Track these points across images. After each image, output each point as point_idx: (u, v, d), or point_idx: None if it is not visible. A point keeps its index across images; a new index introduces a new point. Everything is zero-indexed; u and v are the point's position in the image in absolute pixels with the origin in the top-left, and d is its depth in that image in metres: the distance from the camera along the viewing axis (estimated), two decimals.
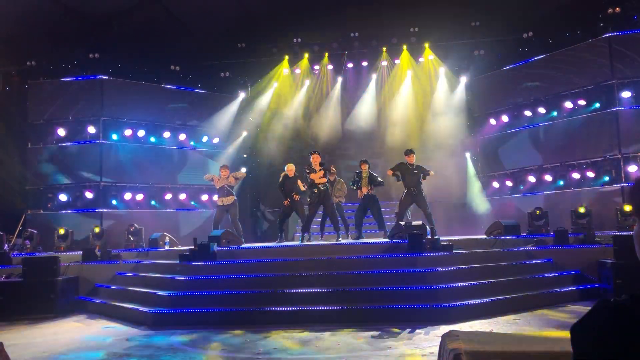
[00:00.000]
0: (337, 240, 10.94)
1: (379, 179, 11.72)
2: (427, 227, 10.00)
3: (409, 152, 11.49)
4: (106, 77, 14.46)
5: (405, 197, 11.22)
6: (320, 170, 10.83)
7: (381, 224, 11.64)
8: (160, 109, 15.27)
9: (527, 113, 14.35)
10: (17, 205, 13.88)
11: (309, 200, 11.08)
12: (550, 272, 9.34)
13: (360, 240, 10.90)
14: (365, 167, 11.69)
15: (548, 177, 13.75)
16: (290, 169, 11.45)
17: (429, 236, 9.37)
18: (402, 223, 10.04)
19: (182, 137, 15.54)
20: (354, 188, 11.77)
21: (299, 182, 11.34)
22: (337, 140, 16.74)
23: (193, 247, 9.64)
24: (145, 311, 8.19)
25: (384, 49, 16.17)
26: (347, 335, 6.73)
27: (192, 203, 15.57)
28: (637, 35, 12.47)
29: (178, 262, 9.72)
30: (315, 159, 10.90)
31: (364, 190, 11.57)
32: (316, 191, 10.82)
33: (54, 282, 9.44)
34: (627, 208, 10.84)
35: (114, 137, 14.46)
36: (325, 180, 10.92)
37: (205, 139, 16.00)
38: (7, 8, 13.34)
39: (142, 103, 14.95)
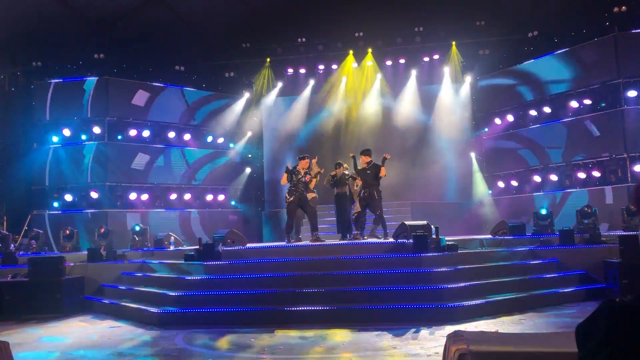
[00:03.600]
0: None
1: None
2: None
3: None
4: (111, 78, 14.50)
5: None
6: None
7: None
8: (165, 109, 15.30)
9: (533, 112, 14.31)
10: (23, 206, 13.94)
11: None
12: (556, 272, 9.31)
13: (365, 240, 10.85)
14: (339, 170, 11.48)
15: (553, 177, 13.70)
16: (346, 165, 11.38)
17: (433, 236, 9.34)
18: (407, 223, 10.02)
19: (187, 137, 15.58)
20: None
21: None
22: (341, 139, 16.72)
23: (198, 247, 9.66)
24: (151, 311, 8.20)
25: (389, 48, 16.11)
26: (352, 335, 6.72)
27: (197, 202, 15.60)
28: None
29: (183, 262, 9.74)
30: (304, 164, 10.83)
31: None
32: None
33: (60, 282, 9.46)
34: (632, 208, 10.79)
35: (119, 137, 14.49)
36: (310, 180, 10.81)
37: (210, 139, 16.02)
38: (13, 9, 13.40)
39: (147, 103, 14.99)
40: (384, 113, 16.71)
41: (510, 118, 14.87)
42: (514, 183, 14.69)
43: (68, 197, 14.04)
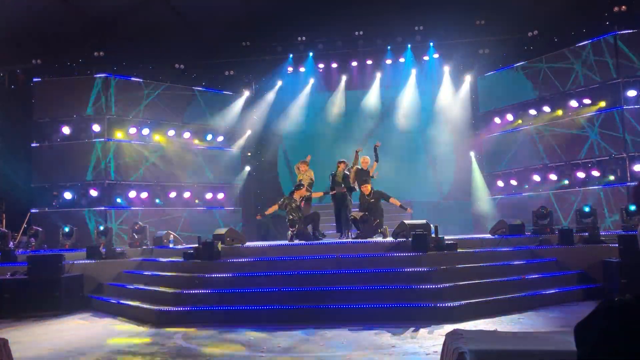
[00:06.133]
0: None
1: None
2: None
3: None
4: (111, 76, 14.49)
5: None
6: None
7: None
8: (164, 108, 15.29)
9: (532, 112, 14.31)
10: (23, 203, 13.93)
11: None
12: (555, 272, 9.32)
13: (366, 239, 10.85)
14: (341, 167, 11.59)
15: (553, 176, 13.70)
16: (365, 161, 11.48)
17: (433, 235, 9.33)
18: (406, 222, 10.02)
19: (187, 135, 15.56)
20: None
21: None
22: (341, 138, 16.71)
23: (197, 245, 9.65)
24: (150, 309, 8.21)
25: (389, 47, 16.10)
26: (351, 333, 6.73)
27: (196, 201, 15.59)
28: None
29: (182, 260, 9.74)
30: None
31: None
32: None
33: (59, 280, 9.48)
34: (632, 207, 10.79)
35: (119, 135, 14.48)
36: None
37: (209, 137, 16.01)
38: (12, 7, 13.38)
39: (146, 101, 14.98)
40: (382, 112, 16.73)
41: (509, 117, 14.87)
42: (514, 182, 14.69)
43: (67, 195, 14.03)
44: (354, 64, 16.51)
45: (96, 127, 14.27)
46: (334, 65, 16.63)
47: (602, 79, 12.86)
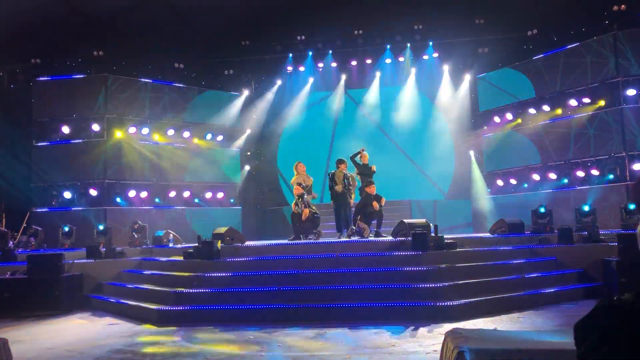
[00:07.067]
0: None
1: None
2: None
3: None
4: (110, 75, 14.47)
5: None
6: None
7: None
8: (164, 107, 15.29)
9: (532, 111, 14.30)
10: (22, 203, 13.93)
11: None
12: (554, 271, 9.33)
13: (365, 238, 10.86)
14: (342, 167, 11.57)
15: (552, 175, 13.70)
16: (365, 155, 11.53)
17: (432, 234, 9.35)
18: (406, 221, 10.03)
19: (186, 134, 15.55)
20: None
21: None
22: (341, 138, 16.72)
23: (197, 244, 9.66)
24: (150, 308, 8.21)
25: (388, 46, 16.10)
26: (350, 332, 6.74)
27: (196, 200, 15.59)
28: None
29: (182, 259, 9.74)
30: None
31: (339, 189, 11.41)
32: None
33: (59, 279, 9.47)
34: (632, 206, 10.80)
35: (118, 134, 14.48)
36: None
37: (209, 136, 16.00)
38: (12, 6, 13.38)
39: (146, 101, 14.98)
40: (382, 111, 16.73)
41: (509, 116, 14.87)
42: (513, 181, 14.70)
43: (67, 195, 14.03)
44: (354, 63, 16.51)
45: (96, 127, 14.26)
46: (334, 64, 16.63)
47: (601, 78, 12.85)
